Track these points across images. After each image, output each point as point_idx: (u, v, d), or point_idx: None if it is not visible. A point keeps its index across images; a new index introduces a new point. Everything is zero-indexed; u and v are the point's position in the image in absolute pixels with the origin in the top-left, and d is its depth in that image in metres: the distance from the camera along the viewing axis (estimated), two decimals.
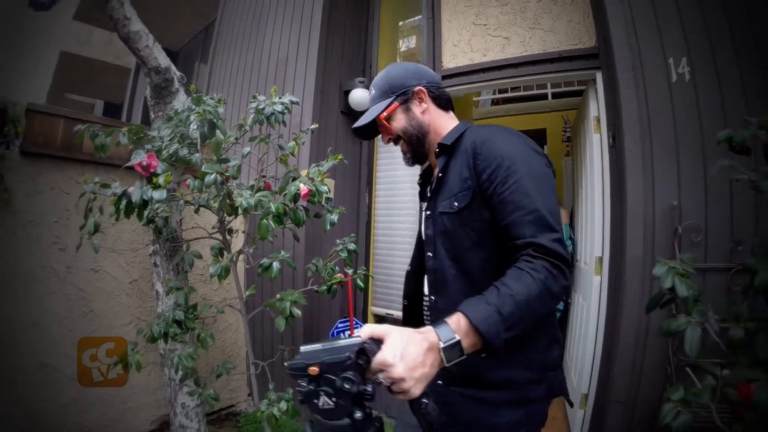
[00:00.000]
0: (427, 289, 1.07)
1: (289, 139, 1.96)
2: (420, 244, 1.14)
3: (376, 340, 0.66)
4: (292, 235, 1.93)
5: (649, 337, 1.86)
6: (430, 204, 1.06)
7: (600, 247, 2.34)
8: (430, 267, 1.04)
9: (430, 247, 1.04)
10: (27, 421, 2.02)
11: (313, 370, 0.61)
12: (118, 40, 2.31)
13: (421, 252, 1.12)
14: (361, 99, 2.98)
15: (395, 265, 3.07)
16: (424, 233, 1.08)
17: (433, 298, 1.04)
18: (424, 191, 1.18)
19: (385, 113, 1.06)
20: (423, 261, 1.09)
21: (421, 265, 1.11)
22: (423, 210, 1.13)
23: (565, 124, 5.42)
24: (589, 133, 2.52)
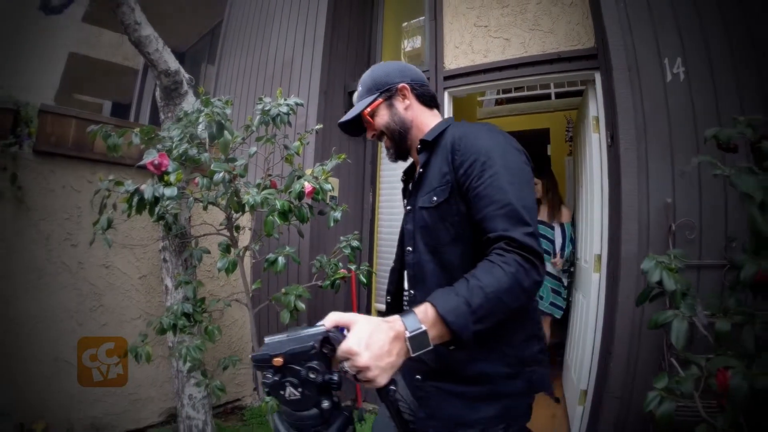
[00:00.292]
0: (407, 283, 1.07)
1: (294, 139, 2.02)
2: (402, 241, 1.13)
3: (341, 329, 0.65)
4: (297, 232, 1.98)
5: (643, 332, 1.89)
6: (411, 200, 1.08)
7: (599, 245, 2.36)
8: (409, 261, 1.04)
9: (410, 241, 1.04)
10: (38, 411, 2.09)
11: (278, 360, 0.60)
12: (126, 42, 2.37)
13: (402, 248, 1.12)
14: None
15: None
16: (405, 228, 1.08)
17: (412, 293, 1.03)
18: (407, 188, 1.18)
19: (368, 109, 1.07)
20: (404, 256, 1.09)
21: (403, 261, 1.10)
22: (405, 206, 1.14)
23: (568, 124, 5.41)
24: (588, 133, 2.55)
